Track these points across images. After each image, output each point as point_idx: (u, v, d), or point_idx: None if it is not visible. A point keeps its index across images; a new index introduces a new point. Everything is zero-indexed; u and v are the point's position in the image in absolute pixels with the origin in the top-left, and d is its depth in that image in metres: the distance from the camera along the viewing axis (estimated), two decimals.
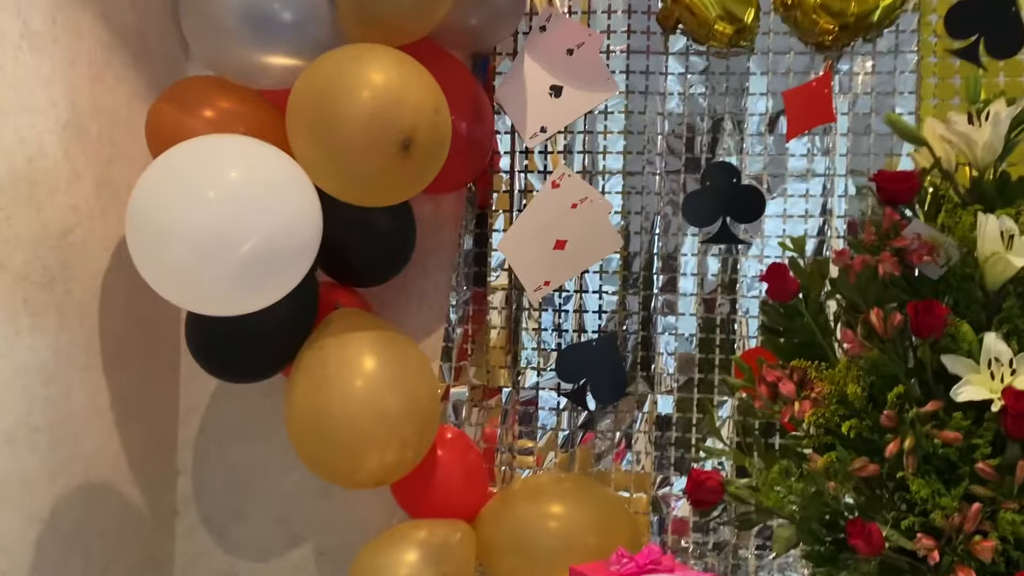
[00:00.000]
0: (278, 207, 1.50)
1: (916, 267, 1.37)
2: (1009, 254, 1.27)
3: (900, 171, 1.50)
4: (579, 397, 2.04)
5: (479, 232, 2.11)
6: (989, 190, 1.48)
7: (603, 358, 2.04)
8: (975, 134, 1.38)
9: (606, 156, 2.07)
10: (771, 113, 2.02)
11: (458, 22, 1.89)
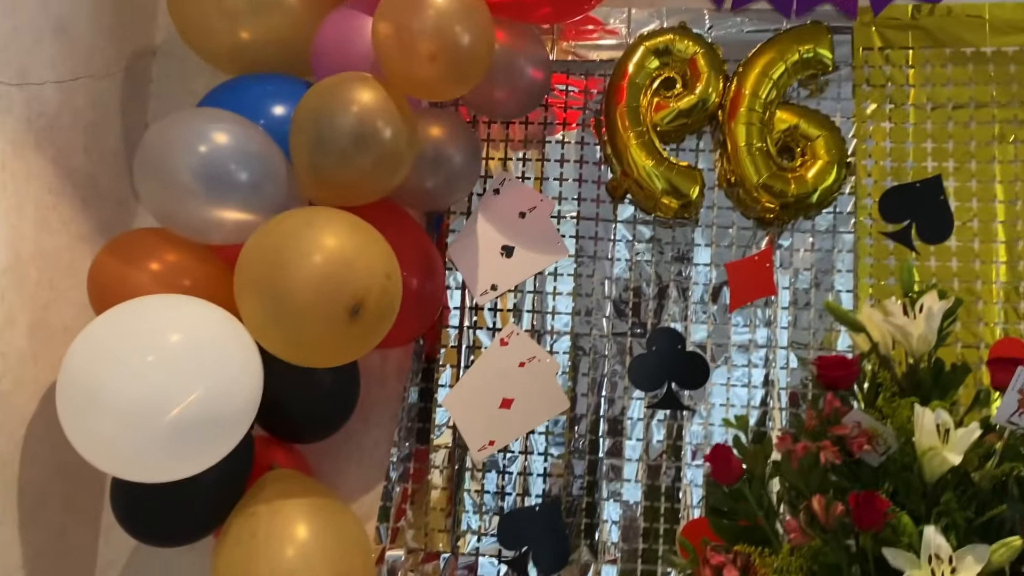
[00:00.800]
0: (214, 372, 1.47)
1: (860, 455, 1.38)
2: (945, 449, 1.30)
3: (841, 357, 1.54)
4: (521, 566, 1.98)
5: (425, 387, 2.09)
6: (925, 378, 1.52)
7: (547, 525, 1.99)
8: (910, 326, 1.43)
9: (555, 316, 2.09)
10: (715, 283, 2.07)
11: (415, 185, 1.93)
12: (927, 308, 1.43)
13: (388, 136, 1.71)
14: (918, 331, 1.43)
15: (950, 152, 2.03)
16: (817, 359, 1.50)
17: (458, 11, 1.71)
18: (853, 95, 2.07)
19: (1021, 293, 1.96)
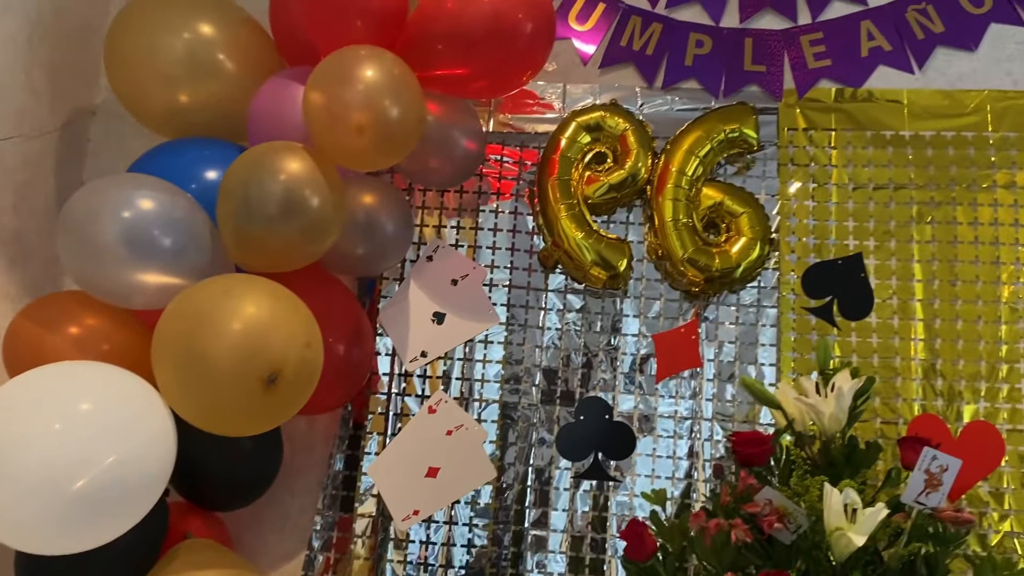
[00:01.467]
0: (123, 440, 1.44)
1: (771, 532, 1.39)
2: (852, 530, 1.31)
3: (755, 433, 1.56)
4: None
5: (351, 454, 2.07)
6: (838, 456, 1.55)
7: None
8: (822, 405, 1.46)
9: (484, 384, 2.09)
10: (642, 354, 2.10)
11: (346, 252, 1.94)
12: (838, 388, 1.46)
13: (315, 204, 1.72)
14: (829, 410, 1.46)
15: (871, 231, 2.09)
16: (733, 435, 1.51)
17: (388, 85, 1.74)
18: (778, 173, 2.14)
19: (938, 370, 2.01)
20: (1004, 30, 2.16)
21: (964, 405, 1.98)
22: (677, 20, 2.24)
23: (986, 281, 2.03)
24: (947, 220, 2.07)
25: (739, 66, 2.18)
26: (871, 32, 2.18)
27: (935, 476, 1.40)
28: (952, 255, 2.06)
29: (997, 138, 2.10)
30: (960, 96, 2.13)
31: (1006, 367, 1.99)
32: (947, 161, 2.09)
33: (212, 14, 2.04)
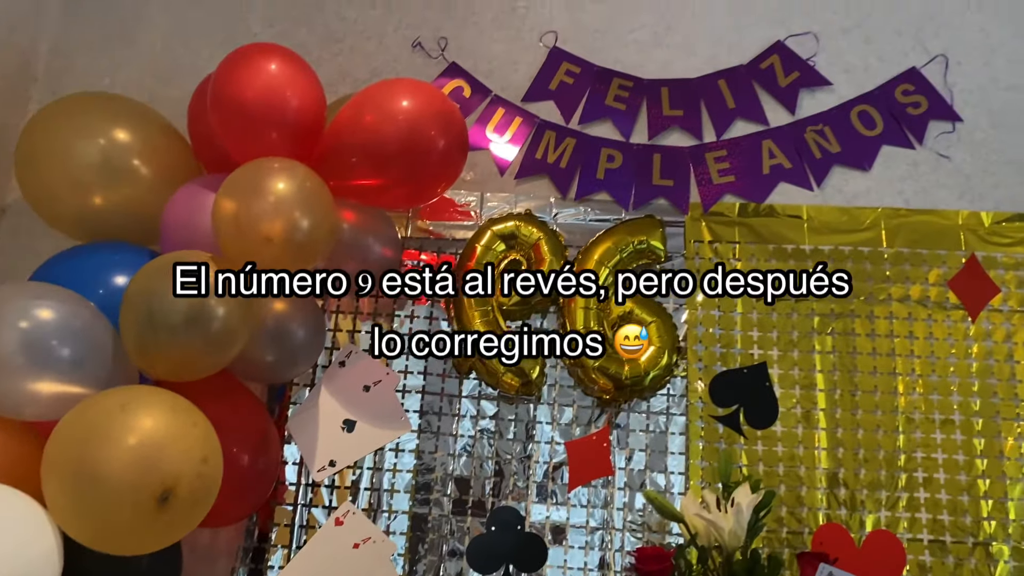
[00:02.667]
0: (5, 563, 1.38)
1: None
2: None
3: (657, 549, 1.58)
4: None
5: (254, 567, 2.01)
6: (739, 572, 1.56)
7: None
8: (721, 520, 1.48)
9: (394, 495, 2.06)
10: (555, 461, 2.10)
11: (255, 359, 1.93)
12: (737, 503, 1.48)
13: (220, 315, 1.71)
14: (728, 526, 1.47)
15: (774, 341, 2.16)
16: (636, 551, 1.52)
17: (298, 196, 1.77)
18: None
19: (841, 480, 2.05)
20: (895, 151, 2.29)
21: (866, 514, 2.02)
22: (590, 135, 2.32)
23: (884, 391, 2.10)
24: (846, 331, 2.15)
25: (648, 180, 2.27)
26: (772, 151, 2.29)
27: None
28: (852, 365, 2.13)
29: (892, 253, 2.20)
30: (856, 213, 2.24)
31: (904, 476, 2.04)
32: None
33: (129, 120, 2.06)
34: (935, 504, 2.01)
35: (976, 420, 2.07)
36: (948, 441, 2.06)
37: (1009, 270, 2.17)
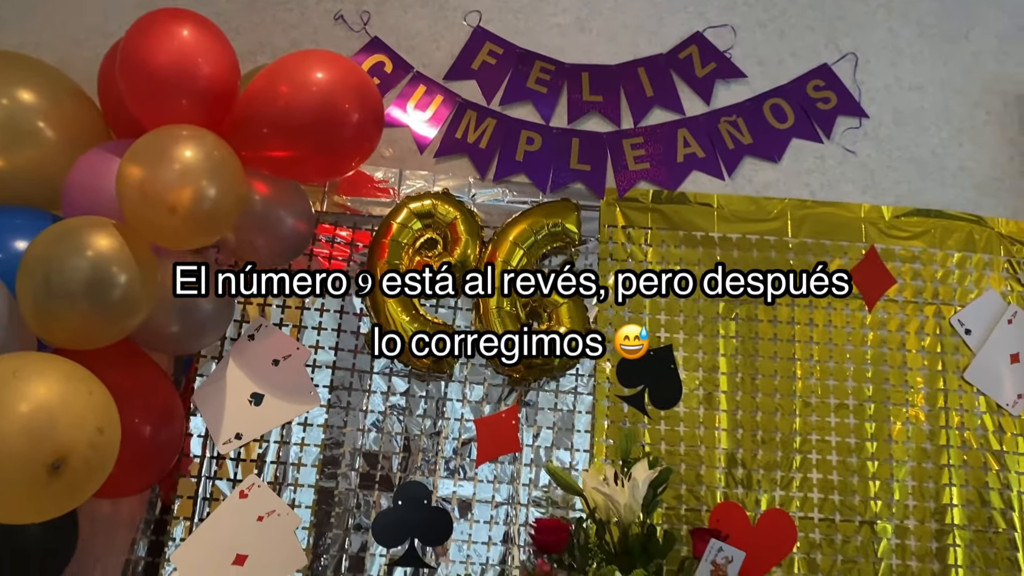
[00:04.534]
0: None
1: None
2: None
3: (554, 521, 1.60)
4: None
5: (155, 539, 1.99)
6: (634, 545, 1.60)
7: None
8: (618, 494, 1.52)
9: (300, 469, 2.06)
10: (464, 438, 2.12)
11: (160, 329, 1.90)
12: (633, 479, 1.53)
13: (122, 282, 1.68)
14: (624, 499, 1.52)
15: (680, 324, 2.21)
16: (535, 522, 1.55)
17: (206, 165, 1.74)
18: (598, 267, 2.24)
19: (739, 460, 2.12)
20: (804, 145, 2.37)
21: (762, 493, 2.09)
22: (510, 117, 2.34)
23: (783, 376, 2.18)
24: (749, 317, 2.22)
25: (566, 164, 2.30)
26: (687, 139, 2.34)
27: (720, 567, 1.48)
28: (753, 350, 2.20)
29: (796, 243, 2.27)
30: (764, 203, 2.31)
31: (799, 457, 2.12)
32: (751, 262, 2.25)
33: (36, 81, 2.00)
34: (826, 484, 2.10)
35: (868, 405, 2.16)
36: (841, 424, 2.14)
37: (905, 262, 2.26)
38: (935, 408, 2.16)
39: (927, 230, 2.29)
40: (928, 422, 2.15)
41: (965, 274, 2.26)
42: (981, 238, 2.28)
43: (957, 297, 2.24)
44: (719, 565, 1.55)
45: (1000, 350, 2.17)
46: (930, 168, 2.36)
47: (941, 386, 2.17)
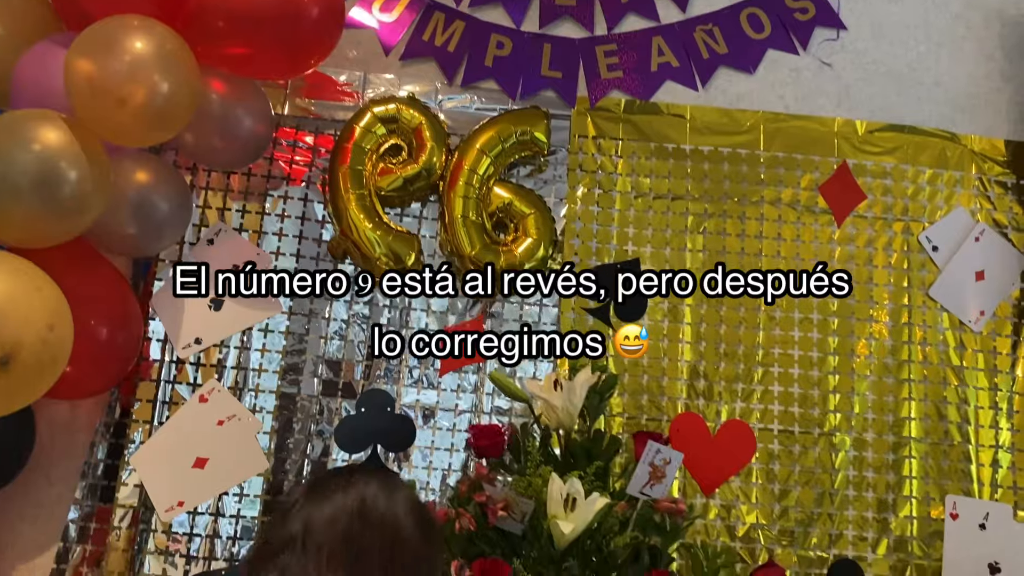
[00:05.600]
0: None
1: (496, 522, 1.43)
2: (565, 519, 1.36)
3: (491, 426, 1.60)
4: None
5: (114, 442, 1.98)
6: (577, 450, 1.61)
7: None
8: (554, 399, 1.51)
9: (261, 374, 2.05)
10: None
11: (116, 230, 1.86)
12: (569, 384, 1.52)
13: (72, 179, 1.63)
14: (560, 404, 1.51)
15: (648, 238, 2.19)
16: (471, 427, 1.55)
17: (158, 58, 1.68)
18: (567, 178, 2.21)
19: (701, 372, 2.12)
20: (780, 56, 2.31)
21: (722, 405, 2.10)
22: (480, 20, 2.27)
23: None
24: (718, 231, 2.20)
25: (537, 70, 2.24)
26: (661, 48, 2.28)
27: (659, 469, 1.48)
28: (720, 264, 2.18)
29: (767, 157, 2.24)
30: (738, 115, 2.27)
31: (761, 370, 2.13)
32: (721, 176, 2.22)
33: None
34: (787, 397, 2.11)
35: (832, 320, 2.16)
36: (805, 339, 2.15)
37: (876, 178, 2.24)
38: (898, 324, 2.17)
39: (900, 146, 2.26)
40: (891, 338, 2.16)
41: (935, 191, 2.24)
42: (953, 155, 2.26)
43: (926, 214, 2.23)
44: (657, 467, 1.55)
45: (966, 267, 2.17)
46: (906, 83, 2.32)
47: (906, 302, 2.18)
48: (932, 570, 2.02)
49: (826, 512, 2.05)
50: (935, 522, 2.04)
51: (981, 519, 2.00)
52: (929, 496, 2.07)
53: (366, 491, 1.06)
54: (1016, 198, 2.24)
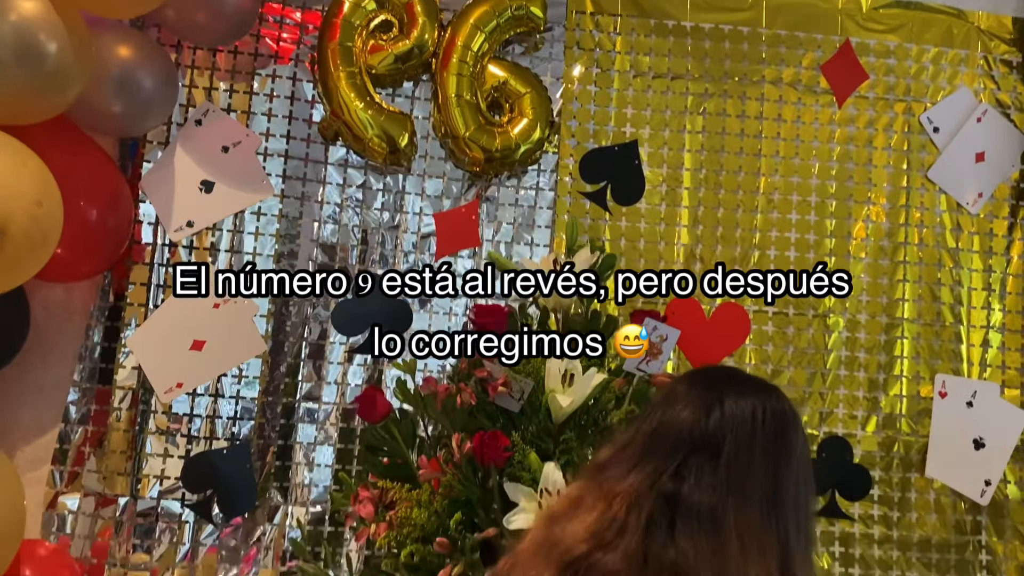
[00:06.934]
0: None
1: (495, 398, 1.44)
2: (563, 393, 1.38)
3: (494, 306, 1.60)
4: (204, 509, 1.93)
5: (111, 325, 1.98)
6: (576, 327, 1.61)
7: (234, 468, 1.94)
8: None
9: (256, 257, 2.03)
10: (423, 232, 2.10)
11: (100, 108, 1.81)
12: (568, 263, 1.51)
13: (51, 51, 1.57)
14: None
15: (647, 119, 2.15)
16: (474, 306, 1.55)
17: None
18: (564, 56, 2.14)
19: (698, 255, 2.12)
20: None
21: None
22: None
23: (748, 172, 2.15)
24: (718, 112, 2.16)
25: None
26: None
27: (655, 345, 1.49)
28: (720, 146, 2.15)
29: (769, 35, 2.18)
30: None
31: (758, 254, 2.12)
32: (722, 54, 2.16)
33: None
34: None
35: (830, 202, 2.15)
36: (802, 222, 2.14)
37: (879, 57, 2.18)
38: (896, 206, 2.15)
39: (904, 23, 2.20)
40: (888, 220, 2.15)
41: (939, 71, 2.19)
42: (959, 33, 2.20)
43: (929, 95, 2.19)
44: (654, 344, 1.56)
45: (966, 149, 2.15)
46: None
47: (904, 184, 2.16)
48: (919, 446, 2.07)
49: (817, 391, 2.09)
50: (924, 400, 2.09)
51: (969, 397, 2.04)
52: (919, 375, 2.10)
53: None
54: (1021, 77, 2.19)
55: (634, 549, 0.85)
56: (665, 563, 0.84)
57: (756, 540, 0.87)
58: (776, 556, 0.87)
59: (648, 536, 0.85)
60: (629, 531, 0.86)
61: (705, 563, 0.84)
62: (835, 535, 2.04)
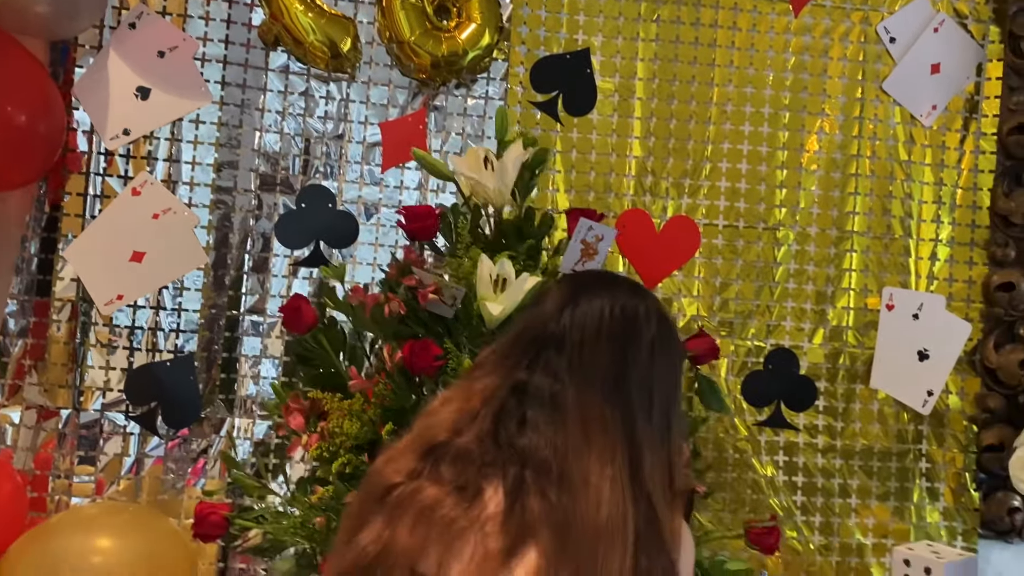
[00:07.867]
0: None
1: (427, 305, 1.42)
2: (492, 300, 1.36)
3: (422, 207, 1.56)
4: (149, 421, 1.92)
5: (47, 236, 1.94)
6: (508, 229, 1.58)
7: (177, 380, 1.93)
8: (486, 178, 1.47)
9: (195, 167, 1.98)
10: (369, 142, 2.05)
11: (24, 7, 1.73)
12: (501, 161, 1.47)
13: None
14: (492, 183, 1.47)
15: (600, 26, 2.09)
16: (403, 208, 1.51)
17: None
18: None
19: (649, 168, 2.09)
20: None
21: (669, 201, 2.09)
22: None
23: (701, 82, 2.10)
24: (672, 19, 2.10)
25: None
26: None
27: (591, 246, 1.47)
28: (673, 55, 2.10)
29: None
30: None
31: (709, 166, 2.10)
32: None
33: None
34: (734, 192, 2.10)
35: (784, 113, 2.11)
36: (755, 133, 2.11)
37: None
38: (849, 118, 2.13)
39: None
40: (841, 132, 2.12)
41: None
42: None
43: (886, 4, 2.14)
44: (589, 243, 1.53)
45: (922, 60, 2.11)
46: None
47: (859, 95, 2.13)
48: (864, 357, 2.09)
49: (765, 304, 2.09)
50: (871, 312, 2.10)
51: (915, 309, 2.05)
52: (867, 288, 2.11)
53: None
54: None
55: (485, 431, 0.90)
56: (515, 446, 0.89)
57: (598, 419, 0.91)
58: (620, 433, 0.90)
59: (498, 422, 0.91)
60: (480, 418, 0.91)
61: (548, 442, 0.89)
62: (779, 444, 2.07)
